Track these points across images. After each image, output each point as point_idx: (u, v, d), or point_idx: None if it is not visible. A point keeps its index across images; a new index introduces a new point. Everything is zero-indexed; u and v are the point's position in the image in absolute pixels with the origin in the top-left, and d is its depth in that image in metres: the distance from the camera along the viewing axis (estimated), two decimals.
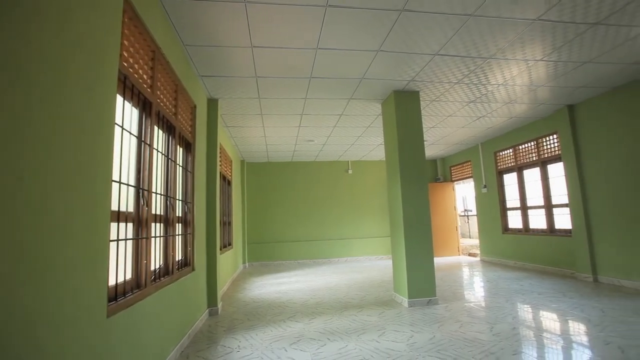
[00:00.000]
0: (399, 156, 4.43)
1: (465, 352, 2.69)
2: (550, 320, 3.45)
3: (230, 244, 6.72)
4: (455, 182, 9.48)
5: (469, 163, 8.68)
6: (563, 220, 5.99)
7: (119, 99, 1.99)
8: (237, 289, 5.71)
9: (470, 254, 9.08)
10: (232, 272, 6.73)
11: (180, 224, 3.37)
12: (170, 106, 3.00)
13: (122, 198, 2.04)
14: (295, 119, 5.62)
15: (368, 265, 8.13)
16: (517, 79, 4.33)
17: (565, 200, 5.77)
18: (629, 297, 4.17)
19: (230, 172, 7.02)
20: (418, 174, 4.44)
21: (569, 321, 3.38)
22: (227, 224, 6.52)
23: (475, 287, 5.18)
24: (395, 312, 3.98)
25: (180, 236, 3.37)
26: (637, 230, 4.60)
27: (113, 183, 1.81)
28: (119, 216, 1.96)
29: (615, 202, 4.90)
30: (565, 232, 5.90)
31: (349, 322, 3.62)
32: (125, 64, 2.04)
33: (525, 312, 3.76)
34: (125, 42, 2.04)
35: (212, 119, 4.51)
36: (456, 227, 9.23)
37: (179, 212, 3.29)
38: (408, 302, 4.17)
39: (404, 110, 4.52)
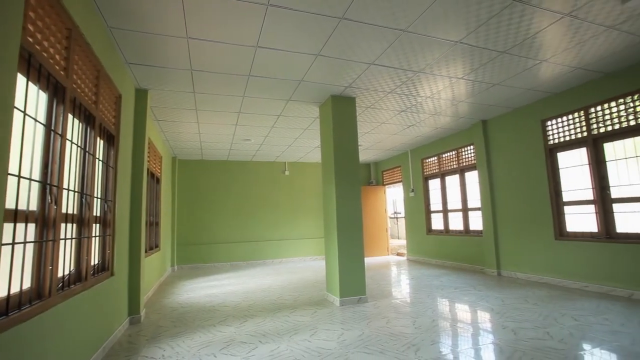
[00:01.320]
0: (334, 159, 4.56)
1: (390, 346, 2.87)
2: (462, 311, 3.84)
3: (157, 246, 6.26)
4: (387, 186, 10.05)
5: (399, 168, 9.28)
6: (476, 222, 6.72)
7: (21, 79, 1.74)
8: (164, 294, 5.34)
9: (398, 254, 9.70)
10: (159, 276, 6.27)
11: (98, 225, 3.05)
12: (89, 93, 2.70)
13: (24, 195, 1.78)
14: (232, 117, 5.46)
15: (303, 266, 8.21)
16: (442, 93, 4.76)
17: (479, 204, 6.49)
18: (522, 287, 4.84)
19: (160, 169, 6.55)
20: (352, 177, 4.62)
21: (477, 311, 3.80)
22: (154, 225, 6.07)
23: (401, 285, 5.55)
24: (327, 311, 4.08)
25: (98, 238, 3.04)
26: (528, 230, 5.37)
27: (10, 177, 1.57)
28: (16, 215, 1.70)
29: (514, 205, 5.65)
30: (478, 233, 6.63)
31: (281, 324, 3.62)
32: (31, 40, 1.78)
33: (443, 305, 4.13)
34: (32, 14, 1.78)
35: (140, 111, 4.17)
36: (386, 228, 9.79)
37: (97, 212, 2.98)
38: (340, 301, 4.31)
39: (340, 115, 4.68)
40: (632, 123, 4.16)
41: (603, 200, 4.47)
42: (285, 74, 3.96)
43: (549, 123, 5.18)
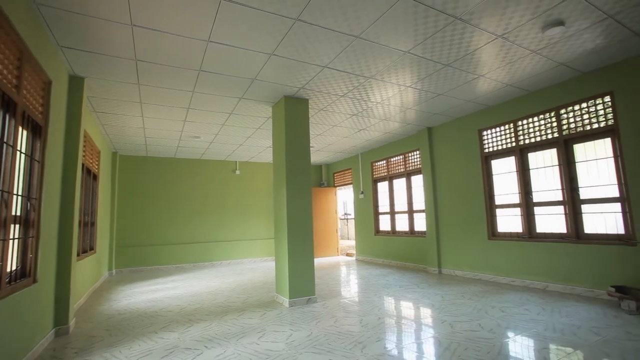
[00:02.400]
0: (286, 160, 4.56)
1: (338, 345, 2.93)
2: (406, 308, 4.05)
3: (92, 249, 5.74)
4: (338, 188, 10.25)
5: (350, 170, 9.52)
6: (421, 223, 7.12)
7: None
8: (99, 301, 4.91)
9: (347, 254, 9.93)
10: (94, 281, 5.75)
11: (18, 225, 2.72)
12: (10, 76, 2.41)
13: None
14: (180, 113, 5.20)
15: (253, 267, 8.06)
16: (392, 99, 4.98)
17: (423, 207, 6.88)
18: (459, 284, 5.23)
19: (98, 165, 6.03)
20: (303, 178, 4.64)
21: (420, 307, 4.03)
22: (89, 225, 5.56)
23: (350, 284, 5.69)
24: (276, 312, 4.05)
25: (17, 240, 2.71)
26: (466, 231, 5.82)
27: None
28: None
29: (454, 208, 6.09)
30: (422, 234, 7.02)
31: (228, 327, 3.52)
32: None
33: (388, 303, 4.32)
34: None
35: (75, 101, 3.80)
36: (336, 229, 9.98)
37: (17, 211, 2.66)
38: (289, 302, 4.31)
39: (293, 116, 4.69)
40: (550, 137, 4.71)
41: (527, 204, 4.99)
42: (238, 71, 3.88)
43: (485, 133, 5.66)
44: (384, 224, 8.23)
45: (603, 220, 4.22)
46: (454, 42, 3.38)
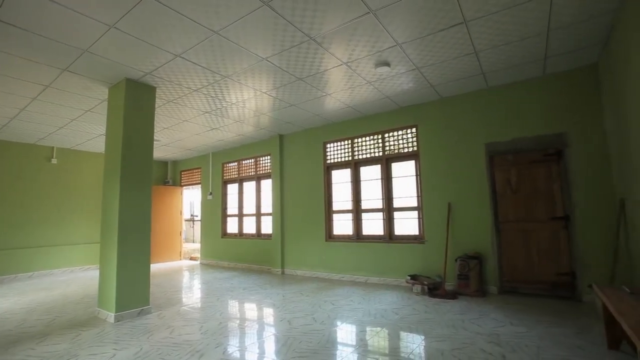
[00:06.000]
0: (122, 152, 3.95)
1: (172, 357, 2.70)
2: (249, 310, 4.10)
3: None
4: (185, 187, 9.53)
5: (199, 170, 9.01)
6: (267, 226, 7.36)
7: None
8: None
9: (191, 258, 9.30)
10: None
11: None
12: None
13: None
14: None
15: (68, 278, 6.53)
16: (247, 103, 5.01)
17: (271, 210, 7.14)
18: (299, 282, 5.68)
19: None
20: (143, 175, 4.12)
21: (262, 308, 4.16)
22: None
23: (192, 290, 5.34)
24: (96, 331, 3.41)
25: None
26: (308, 233, 6.39)
27: None
28: None
29: (299, 212, 6.59)
30: (268, 236, 7.28)
31: None
32: None
33: (231, 307, 4.27)
34: None
35: None
36: (180, 231, 9.23)
37: None
38: (115, 316, 3.70)
39: (136, 103, 4.11)
40: (377, 154, 5.72)
41: (357, 211, 5.88)
42: (61, 35, 3.12)
43: (328, 145, 6.37)
44: (232, 226, 8.13)
45: (407, 224, 5.39)
46: (307, 59, 3.69)
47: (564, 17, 3.05)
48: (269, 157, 7.41)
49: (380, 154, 5.70)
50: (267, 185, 7.49)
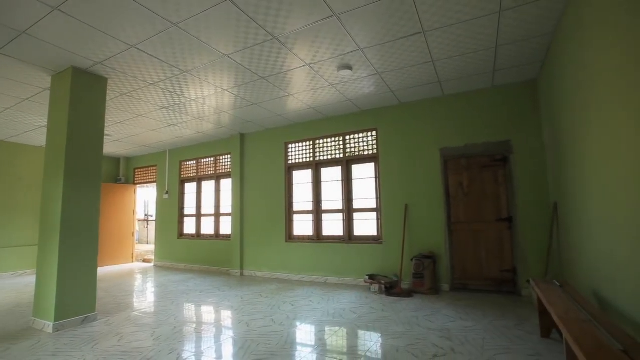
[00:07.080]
0: (66, 147, 3.65)
1: None
2: (205, 313, 3.97)
3: None
4: (139, 185, 9.01)
5: (155, 167, 8.57)
6: (227, 226, 7.18)
7: None
8: None
9: (145, 260, 8.81)
10: None
11: None
12: None
13: None
14: None
15: None
16: (207, 100, 4.85)
17: (230, 210, 6.97)
18: (259, 284, 5.59)
19: None
20: (90, 171, 3.84)
21: (220, 310, 4.04)
22: None
23: (144, 294, 5.06)
24: (30, 343, 3.12)
25: None
26: (268, 234, 6.32)
27: None
28: None
29: (259, 212, 6.49)
30: (227, 237, 7.09)
31: None
32: None
33: (187, 310, 4.10)
34: None
35: None
36: (133, 232, 8.71)
37: None
38: (54, 326, 3.40)
39: (83, 95, 3.82)
40: (337, 156, 5.80)
41: (318, 212, 5.92)
42: None
43: (290, 146, 6.35)
44: (189, 226, 7.82)
45: (366, 225, 5.52)
46: (270, 58, 3.66)
47: (509, 34, 3.30)
48: (229, 156, 7.23)
49: (341, 155, 5.78)
50: (226, 184, 7.30)
